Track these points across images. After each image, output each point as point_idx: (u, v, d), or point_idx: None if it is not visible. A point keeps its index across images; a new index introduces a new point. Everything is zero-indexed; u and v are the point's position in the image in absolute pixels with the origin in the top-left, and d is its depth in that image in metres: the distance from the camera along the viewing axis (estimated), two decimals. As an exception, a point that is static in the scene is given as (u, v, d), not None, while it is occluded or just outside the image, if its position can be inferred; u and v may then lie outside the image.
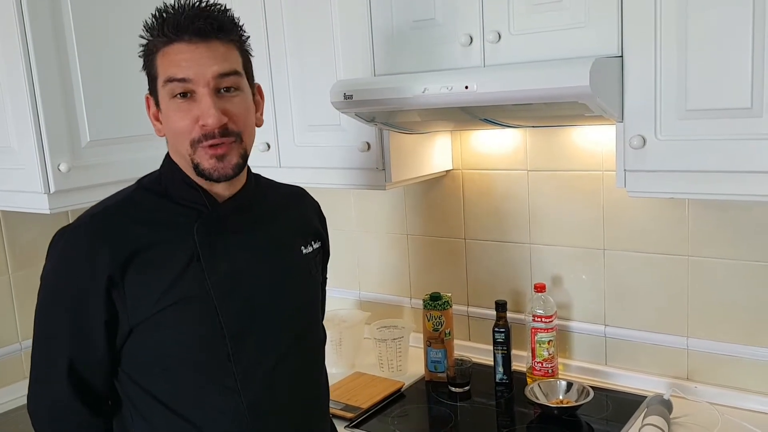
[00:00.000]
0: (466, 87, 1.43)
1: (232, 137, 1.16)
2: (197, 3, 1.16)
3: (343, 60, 1.80)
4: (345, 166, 1.87)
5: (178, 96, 1.14)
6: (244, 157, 1.20)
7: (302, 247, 1.33)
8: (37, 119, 1.69)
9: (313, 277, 1.36)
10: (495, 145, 2.00)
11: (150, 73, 1.19)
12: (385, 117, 1.71)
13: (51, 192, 1.72)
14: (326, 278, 1.49)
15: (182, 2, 1.16)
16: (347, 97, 1.62)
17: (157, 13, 1.16)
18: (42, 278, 1.20)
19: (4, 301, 2.07)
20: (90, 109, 1.79)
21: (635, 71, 1.39)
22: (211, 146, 1.15)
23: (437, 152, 2.03)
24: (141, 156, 1.85)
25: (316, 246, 1.37)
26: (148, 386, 1.19)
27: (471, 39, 1.57)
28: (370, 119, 1.72)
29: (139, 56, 1.20)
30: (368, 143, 1.80)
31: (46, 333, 1.19)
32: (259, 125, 1.26)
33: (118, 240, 1.15)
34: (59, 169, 1.72)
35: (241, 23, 1.21)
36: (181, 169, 1.21)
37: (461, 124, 1.87)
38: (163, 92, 1.16)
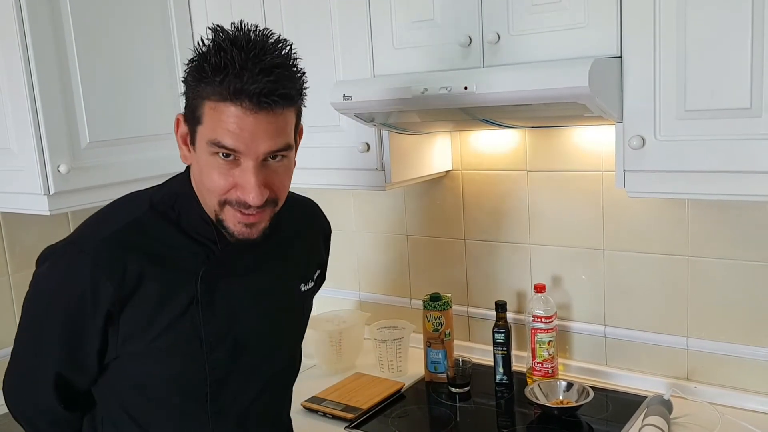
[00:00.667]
0: (466, 88, 1.43)
1: (267, 206, 1.10)
2: (264, 53, 1.01)
3: (342, 61, 1.80)
4: (344, 167, 1.87)
5: (221, 155, 1.05)
6: (273, 218, 1.13)
7: (302, 285, 1.31)
8: (36, 121, 1.69)
9: (305, 314, 1.36)
10: (494, 146, 2.00)
11: (193, 110, 1.07)
12: (385, 117, 1.71)
13: (51, 193, 1.72)
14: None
15: (246, 41, 1.01)
16: (347, 97, 1.62)
17: (216, 47, 1.01)
18: (36, 289, 1.15)
19: (4, 302, 2.06)
20: (90, 110, 1.78)
21: (634, 72, 1.39)
22: (242, 214, 1.08)
23: (437, 153, 2.03)
24: (141, 157, 1.85)
25: (315, 277, 1.35)
26: (123, 402, 1.19)
27: (470, 39, 1.57)
28: (370, 120, 1.72)
29: (182, 80, 1.10)
30: (368, 144, 1.80)
31: (35, 345, 1.17)
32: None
33: (122, 275, 1.09)
34: (59, 171, 1.71)
35: (305, 78, 1.11)
36: (198, 202, 1.14)
37: (461, 124, 1.87)
38: (204, 144, 1.06)
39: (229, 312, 1.17)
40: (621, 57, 1.40)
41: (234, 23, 1.06)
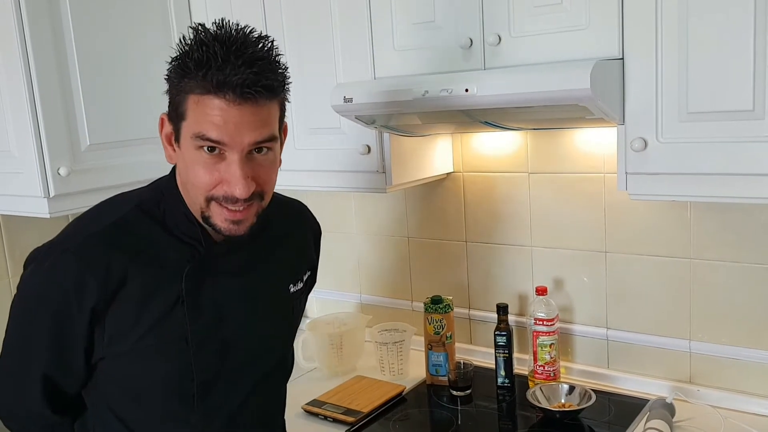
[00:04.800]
0: (467, 90, 1.42)
1: (254, 200, 1.10)
2: (246, 46, 1.02)
3: (343, 63, 1.80)
4: (345, 170, 1.86)
5: (206, 149, 1.05)
6: (260, 214, 1.13)
7: (291, 285, 1.30)
8: (36, 123, 1.69)
9: (294, 315, 1.35)
10: (496, 148, 2.00)
11: (177, 108, 1.08)
12: (386, 120, 1.70)
13: (51, 196, 1.71)
14: (307, 299, 1.45)
15: (228, 37, 1.02)
16: (347, 100, 1.61)
17: (197, 42, 1.02)
18: (20, 290, 1.15)
19: (4, 305, 2.05)
20: (89, 112, 1.78)
21: (636, 73, 1.38)
22: (229, 210, 1.08)
23: (438, 155, 2.02)
24: (141, 159, 1.85)
25: (305, 278, 1.35)
26: (112, 405, 1.18)
27: (471, 41, 1.56)
28: (371, 122, 1.71)
29: (165, 78, 1.10)
30: (369, 146, 1.79)
31: (22, 347, 1.16)
32: (279, 165, 1.16)
33: (107, 273, 1.09)
34: (59, 173, 1.71)
35: (288, 73, 1.10)
36: (183, 202, 1.15)
37: (462, 126, 1.86)
38: (188, 140, 1.07)
39: (215, 312, 1.17)
40: (623, 59, 1.39)
41: (216, 21, 1.06)
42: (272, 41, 1.07)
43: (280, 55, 1.09)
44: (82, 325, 1.11)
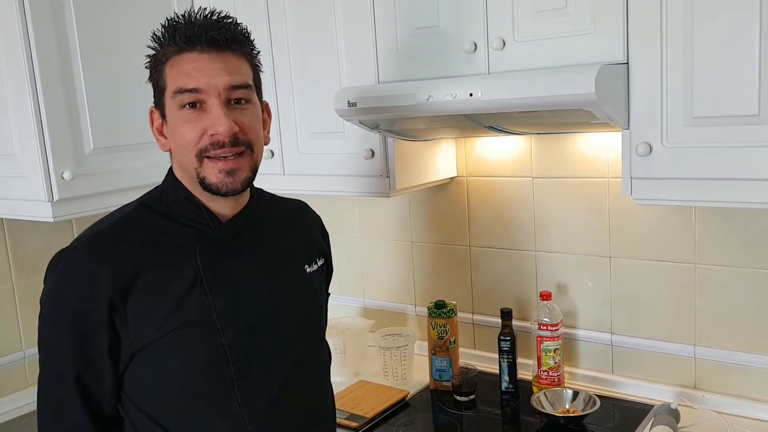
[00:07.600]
0: (471, 94, 1.42)
1: (242, 147, 1.13)
2: (210, 14, 1.13)
3: (346, 67, 1.80)
4: (349, 174, 1.86)
5: (187, 106, 1.11)
6: (254, 170, 1.17)
7: (306, 266, 1.31)
8: (40, 127, 1.69)
9: (317, 296, 1.34)
10: (500, 152, 1.99)
11: (157, 84, 1.16)
12: (389, 124, 1.70)
13: (54, 200, 1.71)
14: (329, 294, 1.47)
15: (194, 13, 1.13)
16: (351, 104, 1.61)
17: (167, 23, 1.14)
18: (41, 304, 1.16)
19: (8, 309, 2.06)
20: (93, 116, 1.78)
21: (641, 78, 1.38)
22: (220, 160, 1.11)
23: (442, 159, 2.02)
24: (144, 164, 1.85)
25: (320, 263, 1.35)
26: (150, 411, 1.16)
27: (475, 46, 1.56)
28: (374, 126, 1.71)
29: (146, 67, 1.18)
30: (372, 150, 1.79)
31: (53, 363, 1.15)
32: (266, 143, 1.23)
33: (119, 263, 1.11)
34: (63, 177, 1.71)
35: (252, 38, 1.19)
36: (184, 187, 1.18)
37: (466, 131, 1.86)
38: (171, 103, 1.13)
39: (234, 290, 1.18)
40: (627, 63, 1.39)
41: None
42: (236, 19, 1.17)
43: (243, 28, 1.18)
44: (101, 319, 1.11)
